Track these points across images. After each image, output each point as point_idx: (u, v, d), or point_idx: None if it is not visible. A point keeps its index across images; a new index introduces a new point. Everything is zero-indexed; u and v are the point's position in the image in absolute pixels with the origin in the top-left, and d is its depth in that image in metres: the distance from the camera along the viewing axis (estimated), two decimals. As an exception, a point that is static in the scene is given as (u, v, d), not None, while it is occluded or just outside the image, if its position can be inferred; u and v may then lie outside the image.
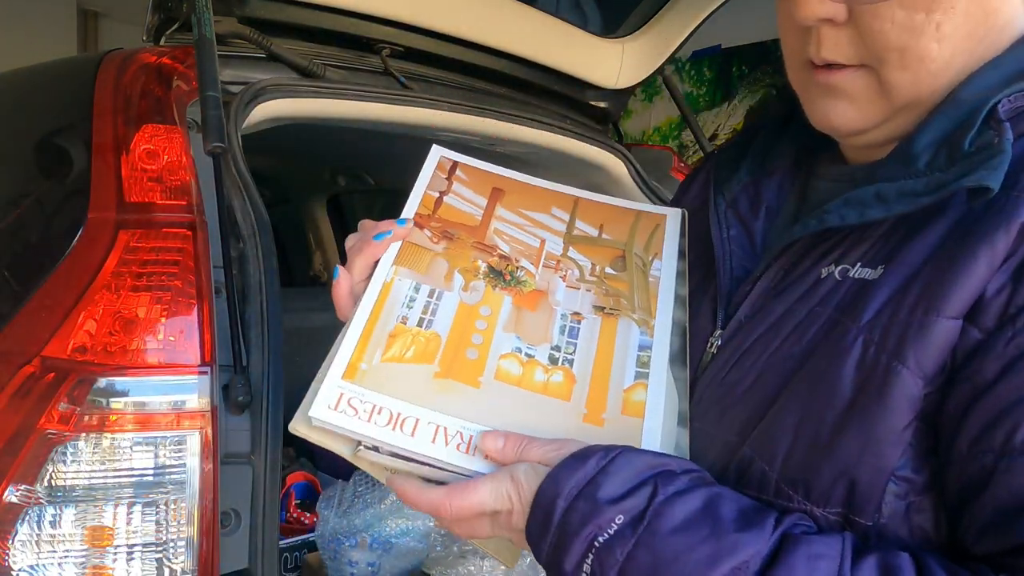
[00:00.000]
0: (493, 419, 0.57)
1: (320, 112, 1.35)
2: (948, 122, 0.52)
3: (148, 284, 0.89)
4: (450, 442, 0.56)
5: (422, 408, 0.58)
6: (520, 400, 0.60)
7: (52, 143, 1.12)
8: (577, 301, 0.68)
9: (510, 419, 0.58)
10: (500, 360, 0.62)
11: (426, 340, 0.63)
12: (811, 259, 0.58)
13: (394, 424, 0.56)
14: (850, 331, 0.51)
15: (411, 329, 0.63)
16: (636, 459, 0.52)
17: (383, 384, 0.59)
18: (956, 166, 0.49)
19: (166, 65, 1.11)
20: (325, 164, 2.58)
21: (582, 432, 0.57)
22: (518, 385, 0.61)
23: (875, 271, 0.53)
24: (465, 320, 0.65)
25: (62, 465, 0.81)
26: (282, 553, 1.63)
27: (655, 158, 2.02)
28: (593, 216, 0.77)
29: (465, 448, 0.56)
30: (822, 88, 0.57)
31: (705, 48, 3.46)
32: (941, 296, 0.47)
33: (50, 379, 0.84)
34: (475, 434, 0.57)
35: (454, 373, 0.61)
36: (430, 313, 0.65)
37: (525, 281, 0.69)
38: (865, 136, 0.58)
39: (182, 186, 0.98)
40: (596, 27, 1.81)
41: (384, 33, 1.49)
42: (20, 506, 0.80)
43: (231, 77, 1.22)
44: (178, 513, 0.85)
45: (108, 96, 1.04)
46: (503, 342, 0.63)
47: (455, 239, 0.72)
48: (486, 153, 1.88)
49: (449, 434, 0.56)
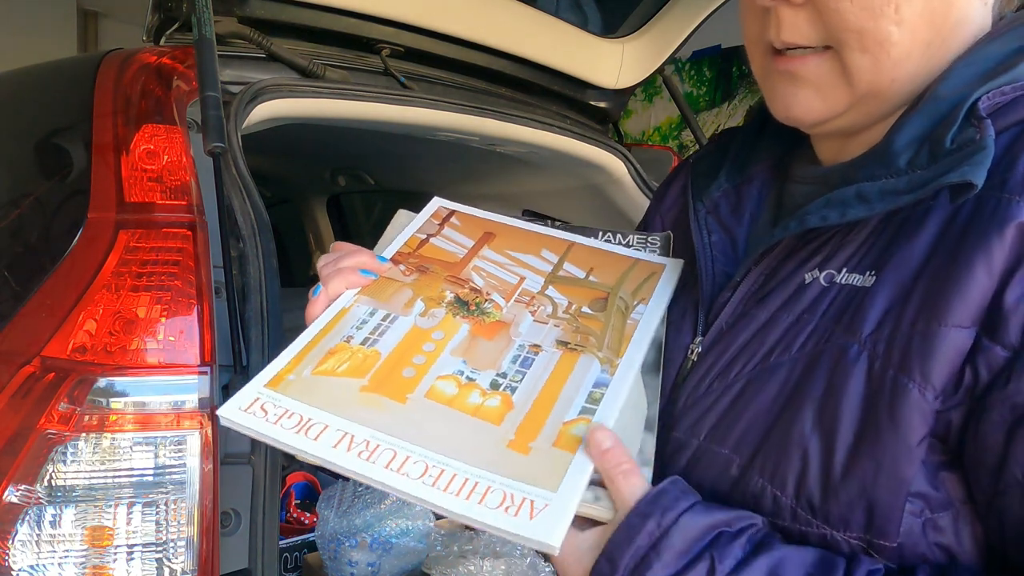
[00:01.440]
0: (408, 432, 0.55)
1: (320, 112, 1.35)
2: (928, 119, 0.52)
3: (148, 284, 0.89)
4: (352, 449, 0.53)
5: (335, 417, 0.56)
6: (445, 419, 0.57)
7: (52, 143, 1.12)
8: (541, 335, 0.65)
9: (428, 434, 0.55)
10: (436, 380, 0.59)
11: (363, 357, 0.61)
12: (792, 263, 0.57)
13: (300, 428, 0.55)
14: (851, 346, 0.50)
15: (352, 347, 0.62)
16: (690, 525, 0.50)
17: (305, 394, 0.58)
18: (938, 163, 0.49)
19: (166, 65, 1.11)
20: (325, 164, 2.58)
21: (502, 458, 0.54)
22: (448, 405, 0.58)
23: (865, 277, 0.52)
24: (413, 342, 0.63)
25: (62, 465, 0.81)
26: (282, 553, 1.63)
27: (655, 158, 2.02)
28: (585, 260, 0.74)
29: (367, 456, 0.53)
30: (784, 76, 0.57)
31: (705, 48, 3.46)
32: (942, 305, 0.47)
33: (50, 379, 0.84)
34: (382, 444, 0.54)
35: (382, 388, 0.59)
36: (377, 334, 0.63)
37: (489, 312, 0.66)
38: (827, 126, 0.58)
39: (182, 186, 0.97)
40: (596, 27, 1.81)
41: (384, 33, 1.49)
42: (20, 506, 0.80)
43: (231, 77, 1.22)
44: (178, 513, 0.85)
45: (108, 96, 1.04)
46: (446, 364, 0.61)
47: (428, 272, 0.70)
48: (486, 157, 1.88)
49: (355, 442, 0.54)
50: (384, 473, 0.52)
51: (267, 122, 1.27)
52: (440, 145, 1.78)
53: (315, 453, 0.54)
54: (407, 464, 0.53)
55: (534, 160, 1.91)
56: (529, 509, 0.49)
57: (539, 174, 2.05)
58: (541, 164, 1.94)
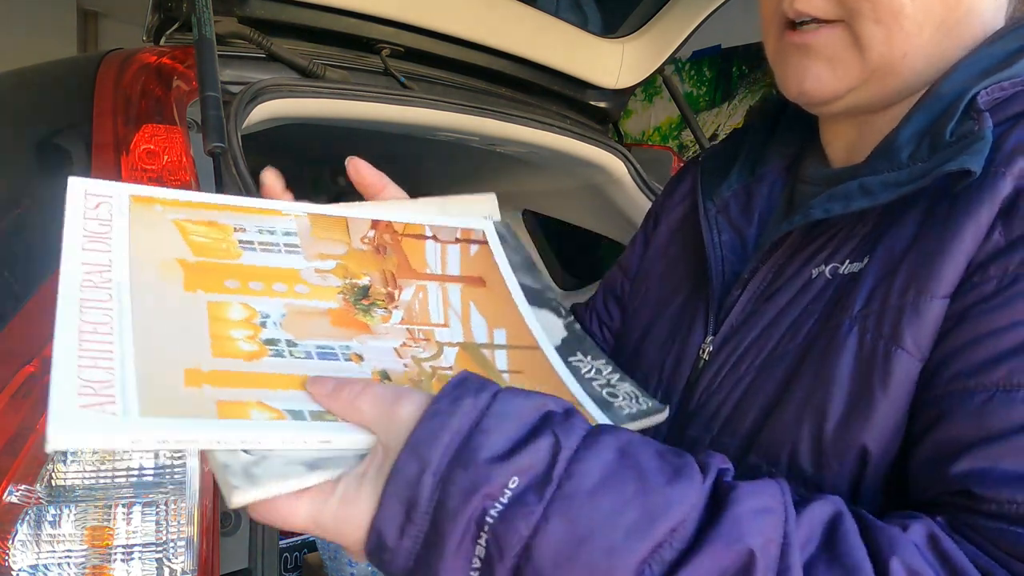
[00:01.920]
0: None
1: (320, 112, 1.35)
2: (929, 115, 0.53)
3: (148, 284, 0.89)
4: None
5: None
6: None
7: (52, 143, 1.12)
8: (382, 359, 0.50)
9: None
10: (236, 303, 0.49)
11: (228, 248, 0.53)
12: (800, 260, 0.58)
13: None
14: (843, 323, 0.51)
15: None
16: (513, 401, 0.41)
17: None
18: (938, 155, 0.50)
19: (166, 65, 1.11)
20: (325, 164, 2.58)
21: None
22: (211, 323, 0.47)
23: (861, 263, 0.53)
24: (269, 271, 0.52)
25: (62, 465, 0.81)
26: (282, 553, 1.63)
27: (655, 158, 2.02)
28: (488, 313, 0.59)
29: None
30: (797, 49, 0.57)
31: (705, 48, 3.46)
32: (932, 276, 0.48)
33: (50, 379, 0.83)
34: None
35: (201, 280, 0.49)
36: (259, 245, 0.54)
37: (371, 316, 0.53)
38: (839, 103, 0.58)
39: (182, 186, 0.98)
40: (596, 27, 1.81)
41: (384, 33, 1.49)
42: (20, 506, 0.80)
43: (231, 77, 1.22)
44: (178, 513, 0.85)
45: (108, 96, 1.04)
46: (263, 303, 0.50)
47: (386, 254, 0.59)
48: (486, 157, 1.88)
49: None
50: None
51: (267, 122, 1.27)
52: (440, 145, 1.78)
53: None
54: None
55: (534, 160, 1.91)
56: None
57: (539, 174, 2.05)
58: (541, 164, 1.94)
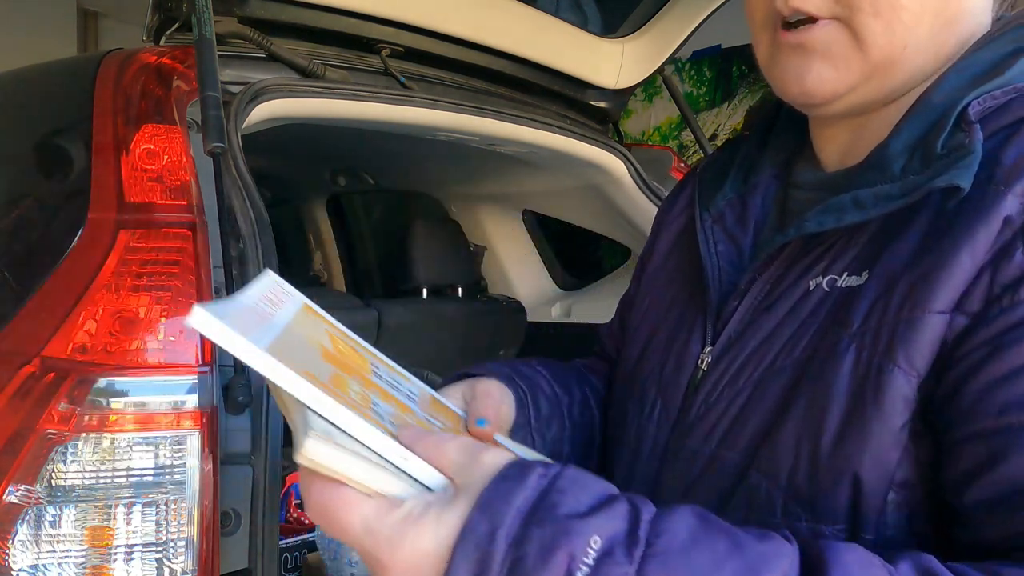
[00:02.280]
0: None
1: (320, 112, 1.35)
2: (920, 125, 0.52)
3: (148, 284, 0.89)
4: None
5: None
6: None
7: (52, 143, 1.12)
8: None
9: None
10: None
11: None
12: (797, 271, 0.57)
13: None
14: (842, 339, 0.51)
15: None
16: (587, 475, 0.42)
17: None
18: (930, 168, 0.49)
19: (166, 65, 1.11)
20: (325, 164, 2.58)
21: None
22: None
23: (860, 277, 0.53)
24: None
25: (62, 465, 0.81)
26: (282, 553, 1.63)
27: (655, 158, 2.02)
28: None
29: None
30: (794, 49, 0.55)
31: (705, 48, 3.46)
32: (927, 291, 0.48)
33: (50, 379, 0.84)
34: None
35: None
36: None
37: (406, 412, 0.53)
38: (840, 103, 0.57)
39: (182, 186, 0.97)
40: (596, 27, 1.81)
41: (384, 33, 1.49)
42: (20, 506, 0.80)
43: (231, 77, 1.22)
44: (178, 513, 0.85)
45: (108, 96, 1.04)
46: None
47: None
48: (486, 157, 1.88)
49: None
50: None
51: (267, 122, 1.27)
52: (440, 145, 1.78)
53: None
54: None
55: (534, 160, 1.91)
56: None
57: (539, 174, 2.05)
58: (541, 164, 1.94)
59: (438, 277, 2.29)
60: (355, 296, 2.14)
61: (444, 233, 2.35)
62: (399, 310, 2.07)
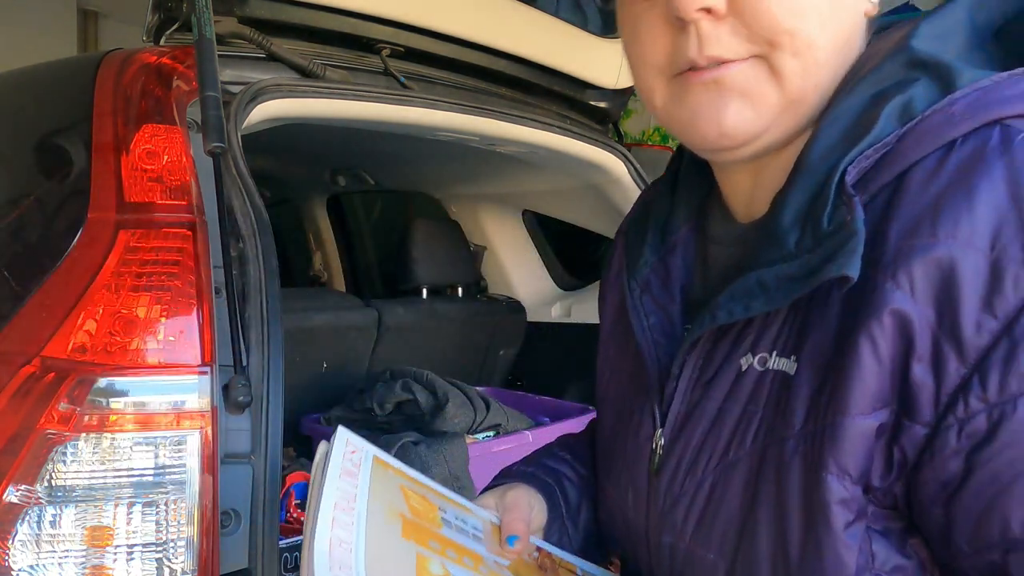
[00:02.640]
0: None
1: (320, 112, 1.35)
2: (805, 190, 0.51)
3: (148, 284, 0.89)
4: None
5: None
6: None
7: (52, 143, 1.12)
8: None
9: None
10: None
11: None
12: (725, 345, 0.57)
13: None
14: (788, 441, 0.51)
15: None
16: None
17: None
18: (821, 247, 0.48)
19: (166, 65, 1.11)
20: (325, 164, 2.58)
21: None
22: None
23: (790, 362, 0.52)
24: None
25: (62, 465, 0.81)
26: (282, 553, 1.63)
27: (655, 158, 2.02)
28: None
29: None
30: (708, 87, 0.52)
31: (705, 48, 3.47)
32: (844, 397, 0.47)
33: (50, 379, 0.84)
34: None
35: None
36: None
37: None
38: (752, 145, 0.55)
39: (182, 186, 0.97)
40: (596, 27, 1.81)
41: (384, 33, 1.49)
42: (20, 506, 0.80)
43: (231, 77, 1.22)
44: (178, 513, 0.85)
45: (108, 96, 1.04)
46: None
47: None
48: (486, 157, 1.88)
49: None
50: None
51: (267, 122, 1.27)
52: (440, 145, 1.78)
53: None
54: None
55: (534, 160, 1.91)
56: None
57: (539, 174, 2.05)
58: (541, 164, 1.94)
59: (438, 277, 2.29)
60: (355, 296, 2.14)
61: (444, 233, 2.35)
62: (399, 310, 2.07)
